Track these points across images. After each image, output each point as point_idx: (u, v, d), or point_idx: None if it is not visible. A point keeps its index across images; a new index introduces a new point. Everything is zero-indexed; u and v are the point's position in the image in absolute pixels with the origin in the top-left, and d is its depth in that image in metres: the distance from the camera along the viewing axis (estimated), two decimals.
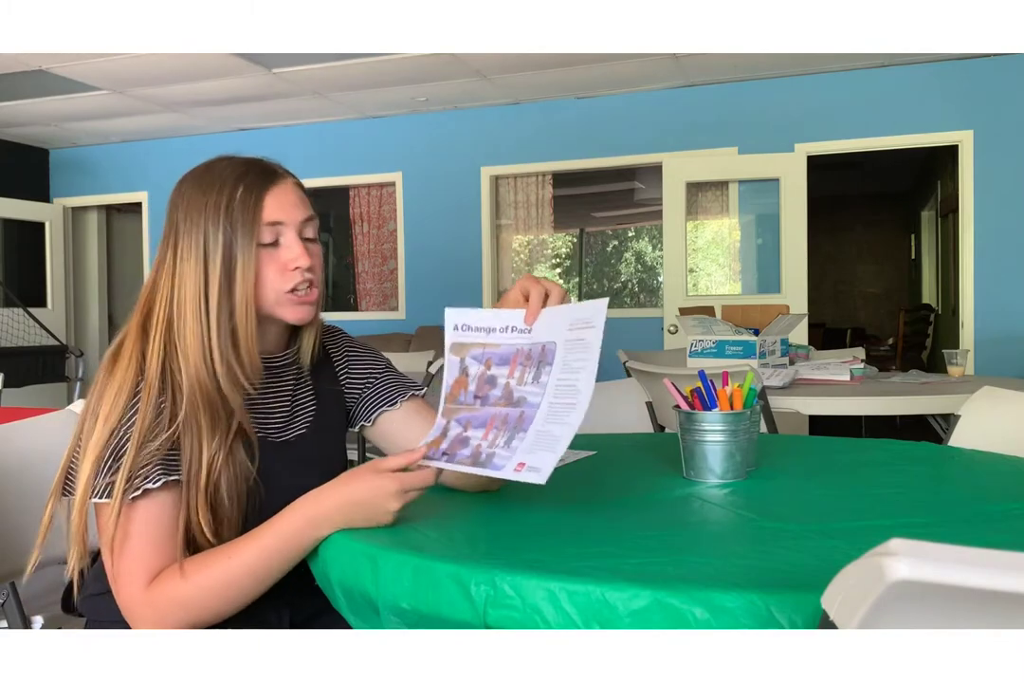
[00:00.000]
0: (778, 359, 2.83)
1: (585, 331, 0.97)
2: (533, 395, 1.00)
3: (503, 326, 1.05)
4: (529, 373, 1.01)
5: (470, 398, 1.05)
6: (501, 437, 1.00)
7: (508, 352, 1.04)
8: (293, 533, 0.95)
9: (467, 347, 1.07)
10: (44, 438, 1.47)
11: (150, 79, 5.01)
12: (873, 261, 10.39)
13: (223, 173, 1.05)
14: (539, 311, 1.02)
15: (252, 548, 0.96)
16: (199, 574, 0.95)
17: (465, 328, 1.07)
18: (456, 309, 1.07)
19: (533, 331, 1.02)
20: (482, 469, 0.99)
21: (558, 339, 1.00)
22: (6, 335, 6.02)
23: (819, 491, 1.12)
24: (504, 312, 1.05)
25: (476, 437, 1.01)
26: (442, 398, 1.07)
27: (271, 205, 1.05)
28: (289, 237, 1.06)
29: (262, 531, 0.97)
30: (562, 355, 0.99)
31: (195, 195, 1.04)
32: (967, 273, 4.95)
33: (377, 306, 6.44)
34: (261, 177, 1.06)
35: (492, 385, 1.04)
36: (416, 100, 5.65)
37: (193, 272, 1.02)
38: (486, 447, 1.00)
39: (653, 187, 6.70)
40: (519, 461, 0.96)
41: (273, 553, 0.95)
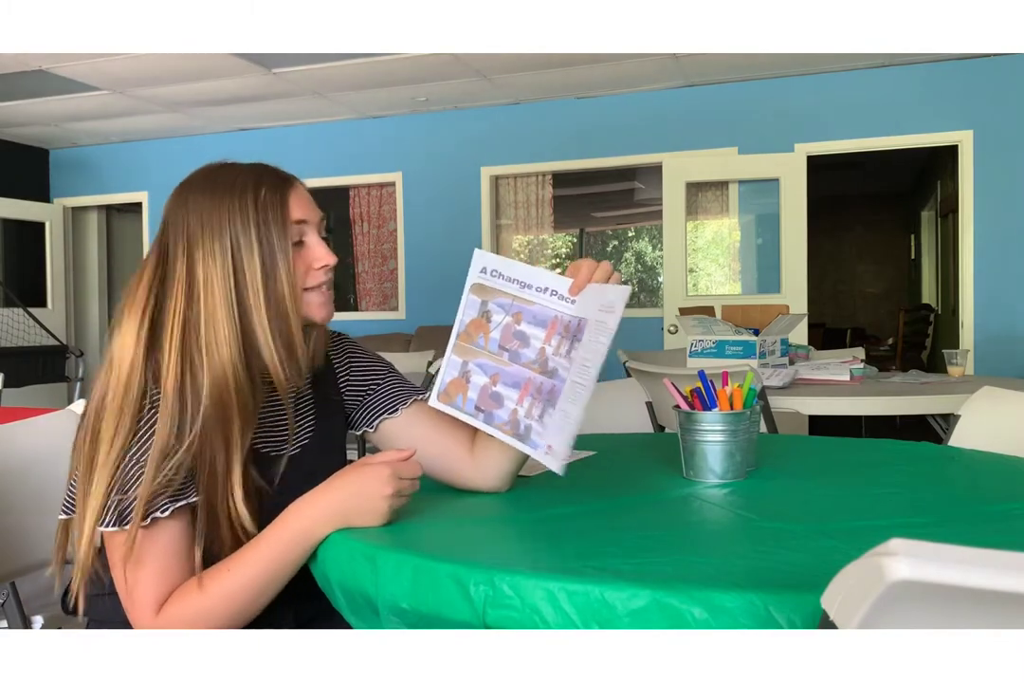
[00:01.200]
0: (778, 359, 2.83)
1: (608, 315, 0.96)
2: (563, 369, 0.98)
3: (543, 286, 1.02)
4: (564, 345, 0.99)
5: (493, 346, 1.03)
6: (536, 408, 0.99)
7: (545, 315, 1.01)
8: (290, 539, 0.95)
9: (493, 292, 1.04)
10: (44, 438, 1.47)
11: (150, 79, 5.02)
12: (873, 261, 10.39)
13: (237, 178, 1.03)
14: (585, 284, 1.00)
15: (251, 560, 0.95)
16: (203, 593, 0.95)
17: (495, 274, 1.04)
18: (488, 253, 1.05)
19: (576, 303, 1.00)
20: (521, 443, 0.99)
21: (591, 317, 0.98)
22: (6, 335, 6.02)
23: (819, 491, 1.12)
24: (547, 273, 1.02)
25: (510, 398, 1.00)
26: (454, 333, 1.05)
27: (295, 204, 1.04)
28: (313, 236, 1.06)
29: (259, 541, 0.96)
30: (588, 334, 0.98)
31: (209, 202, 1.01)
32: (967, 273, 4.95)
33: (377, 306, 6.44)
34: (278, 178, 1.05)
35: (523, 343, 1.02)
36: (416, 100, 5.65)
37: (221, 278, 0.99)
38: (523, 416, 0.99)
39: (653, 187, 6.70)
40: (549, 442, 0.96)
41: (272, 563, 0.95)
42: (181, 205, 1.03)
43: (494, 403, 1.02)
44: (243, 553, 0.96)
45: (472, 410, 1.04)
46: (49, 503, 1.38)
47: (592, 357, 0.96)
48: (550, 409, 0.98)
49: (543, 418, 0.98)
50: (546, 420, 0.98)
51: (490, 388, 1.03)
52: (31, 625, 1.37)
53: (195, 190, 1.03)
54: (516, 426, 1.00)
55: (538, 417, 0.99)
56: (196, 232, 1.00)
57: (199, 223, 1.00)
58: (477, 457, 1.11)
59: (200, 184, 1.04)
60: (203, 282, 0.99)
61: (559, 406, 0.97)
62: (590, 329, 0.98)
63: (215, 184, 1.03)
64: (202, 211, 1.01)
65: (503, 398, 1.02)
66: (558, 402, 0.98)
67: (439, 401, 1.07)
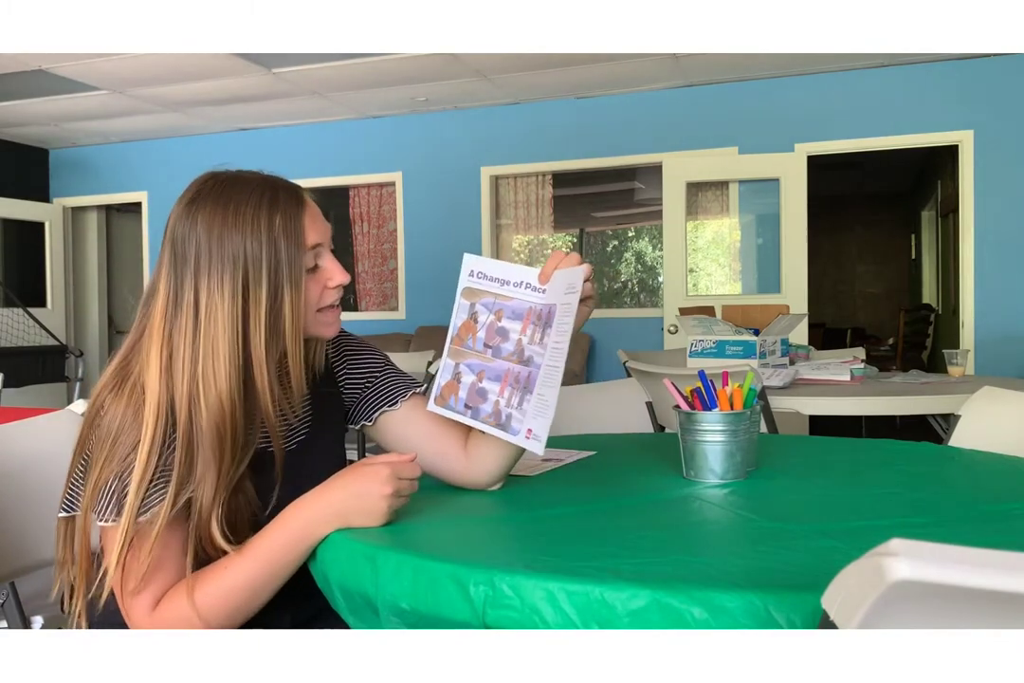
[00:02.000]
0: (778, 359, 2.83)
1: (571, 296, 0.99)
2: (538, 355, 1.02)
3: (518, 281, 1.06)
4: (537, 333, 1.03)
5: (479, 345, 1.07)
6: (515, 396, 1.03)
7: (521, 308, 1.05)
8: (288, 539, 0.95)
9: (479, 294, 1.09)
10: (44, 438, 1.47)
11: (150, 79, 5.02)
12: (873, 261, 10.39)
13: (250, 201, 0.99)
14: (552, 273, 1.03)
15: (249, 560, 0.95)
16: (199, 592, 0.95)
17: (481, 276, 1.09)
18: (475, 256, 1.10)
19: (547, 292, 1.04)
20: (503, 432, 1.03)
21: (558, 302, 1.02)
22: (6, 335, 6.02)
23: (819, 491, 1.12)
24: (519, 267, 1.07)
25: (493, 391, 1.05)
26: (448, 337, 1.10)
27: (310, 229, 1.02)
28: (327, 257, 1.06)
29: (258, 541, 0.96)
30: (557, 318, 1.01)
31: (221, 228, 0.98)
32: (967, 273, 4.95)
33: (377, 306, 6.44)
34: (292, 202, 1.02)
35: (503, 338, 1.06)
36: (416, 100, 5.65)
37: (228, 309, 0.97)
38: (504, 405, 1.04)
39: (653, 187, 6.70)
40: (528, 426, 1.00)
41: (269, 563, 0.95)
42: (190, 224, 0.99)
43: (480, 398, 1.06)
44: (241, 552, 0.96)
45: (462, 408, 1.08)
46: (49, 503, 1.38)
47: (561, 339, 0.99)
48: (528, 396, 1.01)
49: (522, 405, 1.02)
50: (524, 406, 1.01)
51: (476, 385, 1.07)
52: (31, 625, 1.37)
53: (205, 209, 0.99)
54: (499, 416, 1.04)
55: (517, 405, 1.02)
56: (204, 259, 0.98)
57: (208, 249, 0.98)
58: (471, 454, 1.12)
59: (211, 202, 0.99)
60: (210, 312, 0.97)
61: (535, 391, 1.01)
62: (559, 313, 1.01)
63: (227, 206, 0.99)
64: (212, 235, 0.98)
65: (487, 392, 1.06)
66: (534, 388, 1.01)
67: (436, 405, 1.10)
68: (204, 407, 0.96)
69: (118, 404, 0.97)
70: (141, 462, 0.94)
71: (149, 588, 0.96)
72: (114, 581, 0.96)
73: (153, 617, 0.95)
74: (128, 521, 0.93)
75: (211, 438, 0.96)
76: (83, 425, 1.00)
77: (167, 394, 0.97)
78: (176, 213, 1.01)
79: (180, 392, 0.97)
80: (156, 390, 0.96)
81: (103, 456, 0.95)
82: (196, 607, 0.94)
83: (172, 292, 0.99)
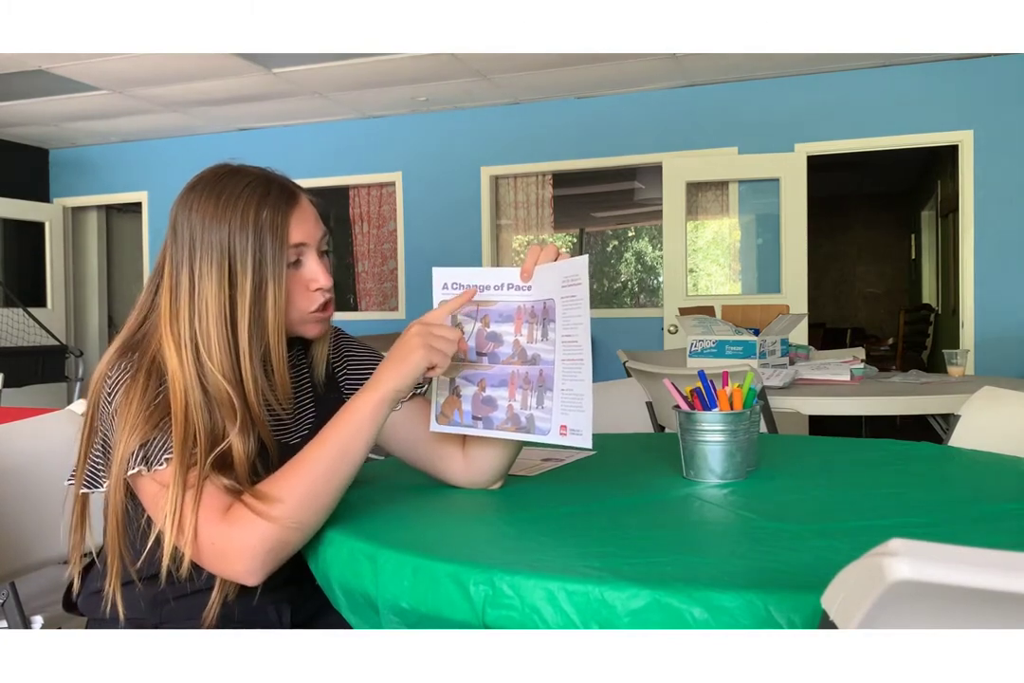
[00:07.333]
0: (778, 359, 2.83)
1: (575, 288, 0.98)
2: (546, 352, 1.01)
3: (499, 283, 1.05)
4: (537, 330, 1.02)
5: (472, 355, 1.06)
6: (531, 397, 1.01)
7: (509, 309, 1.04)
8: (350, 417, 0.96)
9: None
10: (44, 438, 1.47)
11: (150, 79, 5.01)
12: (873, 261, 10.38)
13: (242, 193, 1.03)
14: (532, 268, 1.03)
15: (330, 441, 0.96)
16: (274, 485, 0.94)
17: (456, 287, 1.07)
18: (444, 268, 1.08)
19: (532, 288, 1.03)
20: (527, 435, 1.01)
21: (555, 296, 1.01)
22: (6, 335, 6.02)
23: (819, 491, 1.12)
24: (497, 270, 1.06)
25: (502, 397, 1.03)
26: None
27: (295, 227, 1.05)
28: (311, 257, 1.07)
29: (334, 422, 0.98)
30: (561, 311, 1.00)
31: (212, 214, 1.02)
32: (967, 273, 4.95)
33: (377, 306, 6.44)
34: (283, 198, 1.05)
35: (497, 342, 1.04)
36: (416, 100, 5.64)
37: (216, 296, 1.01)
38: (519, 408, 1.01)
39: (653, 187, 6.70)
40: (560, 423, 0.98)
41: (350, 437, 0.96)
42: (186, 210, 1.04)
43: (488, 407, 1.04)
44: (317, 440, 0.97)
45: (471, 421, 1.05)
46: (49, 503, 1.39)
47: (575, 332, 0.98)
48: (548, 393, 1.00)
49: (543, 404, 1.00)
50: (548, 404, 1.00)
51: (480, 394, 1.04)
52: (31, 625, 1.37)
53: (201, 197, 1.03)
54: (516, 420, 1.02)
55: (537, 405, 1.01)
56: (196, 245, 1.02)
57: (200, 235, 1.02)
58: (469, 455, 1.12)
59: (207, 191, 1.04)
60: (203, 298, 1.01)
61: (557, 387, 0.99)
62: (560, 306, 1.00)
63: (220, 196, 1.02)
64: (204, 222, 1.02)
65: (495, 400, 1.03)
66: (554, 384, 0.99)
67: (439, 424, 1.08)
68: (210, 383, 1.00)
69: (133, 373, 0.99)
70: (178, 420, 0.95)
71: (213, 505, 0.93)
72: (168, 523, 0.92)
73: (225, 524, 0.92)
74: (177, 467, 0.93)
75: (220, 403, 0.99)
76: (91, 400, 1.02)
77: (179, 362, 1.00)
78: (177, 199, 1.06)
79: (188, 371, 1.00)
80: (173, 359, 0.99)
81: (127, 424, 0.95)
82: (274, 503, 0.92)
83: (174, 273, 1.04)
